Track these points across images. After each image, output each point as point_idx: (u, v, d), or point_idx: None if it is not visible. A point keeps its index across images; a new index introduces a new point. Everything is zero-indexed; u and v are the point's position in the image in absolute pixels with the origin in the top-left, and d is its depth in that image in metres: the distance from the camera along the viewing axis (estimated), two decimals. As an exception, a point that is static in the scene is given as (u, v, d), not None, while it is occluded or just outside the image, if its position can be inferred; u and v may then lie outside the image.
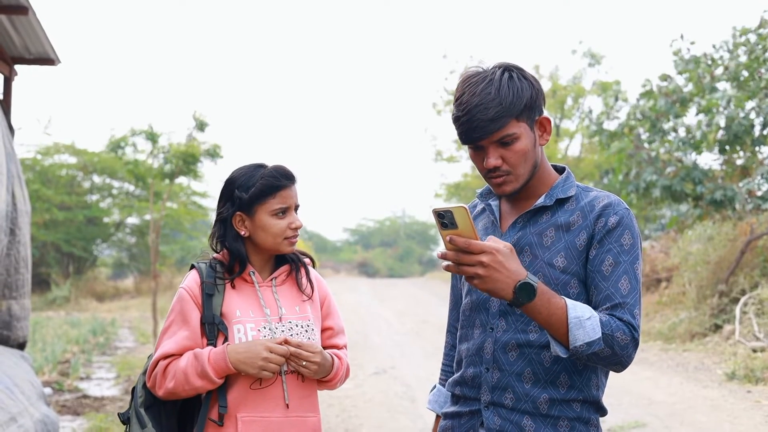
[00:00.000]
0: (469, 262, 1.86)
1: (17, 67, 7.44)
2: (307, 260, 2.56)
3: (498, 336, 2.09)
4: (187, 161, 17.28)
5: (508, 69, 2.06)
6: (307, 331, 2.43)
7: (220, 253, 2.47)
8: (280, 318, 2.41)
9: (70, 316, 16.54)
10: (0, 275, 6.07)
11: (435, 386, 2.41)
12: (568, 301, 1.96)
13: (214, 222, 2.50)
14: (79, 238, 22.62)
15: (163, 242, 23.24)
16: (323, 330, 2.54)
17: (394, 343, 12.02)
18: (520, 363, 2.06)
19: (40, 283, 21.09)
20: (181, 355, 2.36)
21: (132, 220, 25.03)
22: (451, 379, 2.25)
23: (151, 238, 20.03)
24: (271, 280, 2.47)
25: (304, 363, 2.36)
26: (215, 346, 2.35)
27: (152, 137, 18.25)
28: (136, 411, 2.38)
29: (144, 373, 2.43)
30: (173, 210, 23.40)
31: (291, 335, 2.39)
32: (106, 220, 24.42)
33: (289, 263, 2.51)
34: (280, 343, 2.33)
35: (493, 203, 2.20)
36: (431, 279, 31.65)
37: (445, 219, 1.84)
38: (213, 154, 18.59)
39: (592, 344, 1.93)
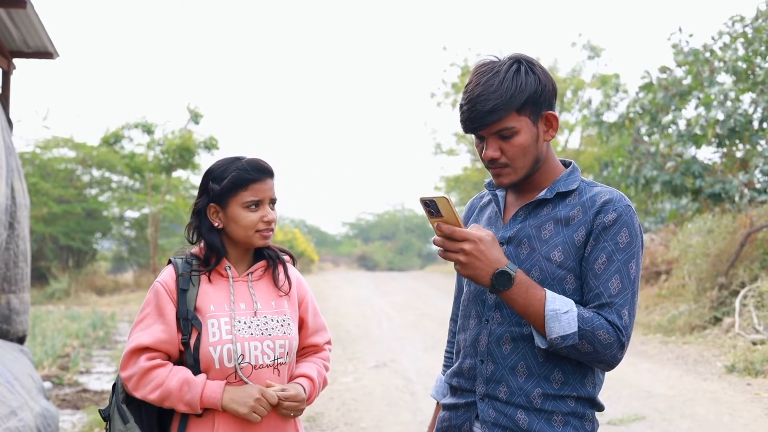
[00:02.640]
0: (452, 249, 1.94)
1: (15, 60, 7.43)
2: (286, 257, 2.56)
3: (493, 328, 2.09)
4: (182, 154, 17.29)
5: (518, 61, 2.05)
6: (282, 325, 2.42)
7: (197, 247, 2.47)
8: (255, 312, 2.40)
9: (69, 310, 16.54)
10: (-1, 269, 6.06)
11: (438, 374, 2.43)
12: (548, 294, 1.97)
13: (191, 213, 2.49)
14: (78, 231, 22.61)
15: (162, 235, 23.24)
16: (302, 328, 2.54)
17: (394, 336, 12.03)
18: (513, 356, 2.06)
19: (40, 277, 21.08)
20: (156, 350, 2.34)
21: (131, 213, 25.04)
22: (449, 370, 2.25)
23: (150, 231, 20.07)
24: (248, 274, 2.45)
25: (292, 414, 2.39)
26: (189, 342, 2.34)
27: (148, 129, 18.24)
28: (118, 407, 2.37)
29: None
30: (172, 203, 23.41)
31: (266, 329, 2.39)
32: (105, 213, 24.40)
33: (266, 259, 2.50)
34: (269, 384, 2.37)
35: (500, 194, 2.19)
36: (431, 272, 31.68)
37: (431, 207, 1.94)
38: (209, 146, 18.59)
39: (567, 338, 1.94)
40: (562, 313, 1.94)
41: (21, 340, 6.48)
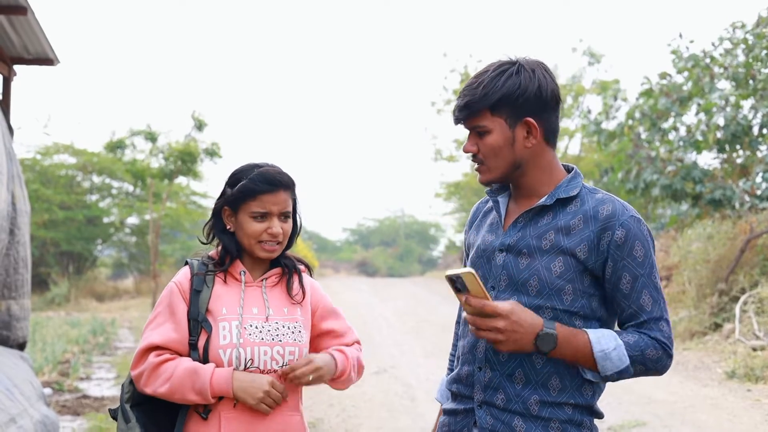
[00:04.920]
0: (486, 328, 1.95)
1: (16, 67, 7.44)
2: (302, 267, 2.56)
3: None
4: (185, 160, 17.27)
5: (512, 63, 2.08)
6: (293, 332, 2.43)
7: (215, 249, 2.50)
8: (267, 318, 2.41)
9: (70, 317, 16.53)
10: (-1, 275, 6.07)
11: (443, 377, 2.43)
12: (591, 335, 1.98)
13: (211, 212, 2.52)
14: (78, 237, 22.60)
15: (162, 242, 23.22)
16: (324, 334, 2.54)
17: (395, 342, 12.02)
18: (511, 363, 2.06)
19: (40, 283, 21.07)
20: (167, 348, 2.36)
21: (132, 220, 25.01)
22: (449, 376, 2.26)
23: (151, 238, 20.04)
24: (262, 280, 2.47)
25: (310, 377, 2.36)
26: (197, 343, 2.36)
27: (151, 137, 18.22)
28: (122, 407, 2.40)
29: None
30: (173, 210, 23.39)
31: (277, 335, 2.40)
32: (105, 220, 24.39)
33: (282, 267, 2.50)
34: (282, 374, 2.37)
35: (501, 200, 2.18)
36: (431, 278, 31.64)
37: (457, 283, 1.95)
38: (212, 153, 18.57)
39: (623, 372, 1.99)
40: (610, 351, 1.97)
41: (21, 347, 6.47)
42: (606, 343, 1.98)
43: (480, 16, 69.72)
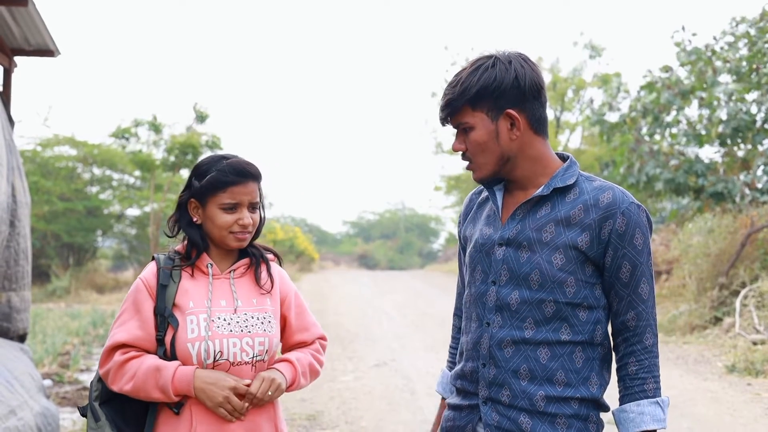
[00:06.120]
0: None
1: (17, 58, 7.42)
2: (270, 256, 2.55)
3: (494, 332, 2.07)
4: (186, 152, 17.29)
5: (488, 57, 2.06)
6: (263, 323, 2.41)
7: (182, 244, 2.48)
8: (235, 309, 2.39)
9: (70, 308, 16.53)
10: (0, 267, 6.06)
11: (443, 369, 2.42)
12: (646, 417, 2.04)
13: (175, 206, 2.49)
14: (79, 229, 22.59)
15: (163, 233, 23.19)
16: (288, 327, 2.53)
17: (395, 335, 12.02)
18: (516, 359, 2.04)
19: (41, 275, 21.06)
20: (133, 346, 2.35)
21: (132, 211, 25.00)
22: (452, 372, 2.24)
23: (152, 229, 20.06)
24: (230, 272, 2.45)
25: (269, 393, 2.36)
26: (164, 339, 2.35)
27: (155, 128, 18.23)
28: (90, 405, 2.39)
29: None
30: (173, 201, 23.38)
31: (246, 326, 2.38)
32: (106, 211, 24.38)
33: (249, 257, 2.49)
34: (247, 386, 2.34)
35: (498, 192, 2.16)
36: (431, 271, 31.65)
37: None
38: (213, 145, 18.58)
39: (665, 405, 2.07)
40: (662, 417, 2.05)
41: (22, 339, 6.47)
42: (656, 415, 2.04)
43: (481, 9, 69.62)
